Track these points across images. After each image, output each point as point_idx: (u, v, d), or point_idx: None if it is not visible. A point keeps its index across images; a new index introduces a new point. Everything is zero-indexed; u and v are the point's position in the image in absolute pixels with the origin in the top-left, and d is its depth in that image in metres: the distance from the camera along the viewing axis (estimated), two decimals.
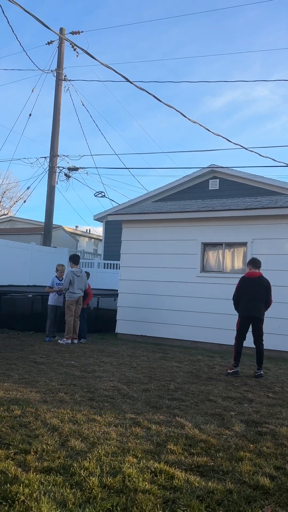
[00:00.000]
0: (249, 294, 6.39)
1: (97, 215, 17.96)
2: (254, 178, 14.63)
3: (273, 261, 8.62)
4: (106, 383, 5.24)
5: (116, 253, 12.48)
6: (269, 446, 3.44)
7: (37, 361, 6.44)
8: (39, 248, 14.75)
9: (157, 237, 9.86)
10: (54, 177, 15.51)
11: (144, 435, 3.53)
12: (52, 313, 9.11)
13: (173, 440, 3.46)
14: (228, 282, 9.05)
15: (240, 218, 9.00)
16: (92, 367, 6.18)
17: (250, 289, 6.39)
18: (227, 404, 4.61)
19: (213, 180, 15.46)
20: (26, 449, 3.12)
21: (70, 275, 8.76)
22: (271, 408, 4.55)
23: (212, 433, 3.67)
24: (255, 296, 6.39)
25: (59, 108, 15.65)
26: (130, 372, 6.00)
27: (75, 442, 3.27)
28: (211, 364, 7.03)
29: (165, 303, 9.56)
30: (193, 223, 9.52)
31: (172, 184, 16.09)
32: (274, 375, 6.43)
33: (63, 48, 15.57)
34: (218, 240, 9.24)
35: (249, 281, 6.46)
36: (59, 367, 6.07)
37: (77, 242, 26.04)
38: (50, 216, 15.69)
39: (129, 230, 10.29)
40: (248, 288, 6.41)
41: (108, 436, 3.45)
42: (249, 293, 6.39)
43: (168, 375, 5.97)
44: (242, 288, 6.45)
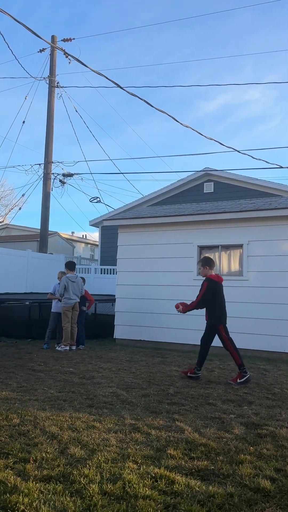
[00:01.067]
0: (223, 300, 6.38)
1: (92, 221, 17.97)
2: (248, 180, 14.70)
3: (270, 263, 8.65)
4: (105, 389, 5.22)
5: (113, 258, 12.48)
6: (269, 448, 3.44)
7: (35, 369, 6.41)
8: (35, 255, 14.73)
9: (153, 241, 9.87)
10: (49, 183, 15.52)
11: (144, 441, 3.52)
12: (54, 320, 9.09)
13: (173, 444, 3.45)
14: (225, 285, 9.04)
15: (236, 220, 9.03)
16: (90, 374, 6.16)
17: (222, 294, 6.36)
18: (226, 407, 4.60)
19: (207, 183, 15.52)
20: (25, 458, 3.10)
21: (65, 281, 8.75)
22: (270, 410, 4.55)
23: (212, 436, 3.66)
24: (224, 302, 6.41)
25: (52, 115, 15.68)
26: (129, 378, 5.98)
27: (74, 450, 3.25)
28: (210, 368, 7.02)
29: (163, 307, 9.55)
30: (189, 226, 9.54)
31: (167, 188, 16.14)
32: (273, 377, 6.43)
33: (55, 56, 15.63)
34: (214, 243, 9.26)
35: (220, 286, 6.34)
36: (57, 374, 6.05)
37: (74, 248, 26.01)
38: (45, 222, 15.68)
39: (125, 235, 10.30)
40: (221, 293, 6.33)
41: (107, 443, 3.44)
42: (223, 299, 6.37)
43: (167, 379, 5.96)
44: (219, 292, 6.28)
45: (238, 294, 8.86)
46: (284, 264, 8.49)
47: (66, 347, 8.56)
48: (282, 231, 8.62)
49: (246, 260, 8.86)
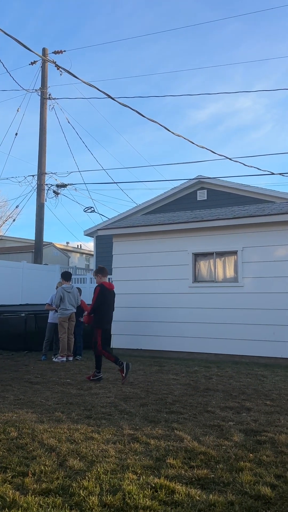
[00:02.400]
0: (110, 306, 6.85)
1: (87, 230, 17.98)
2: (240, 187, 14.81)
3: (264, 268, 8.69)
4: (103, 399, 5.19)
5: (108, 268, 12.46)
6: (268, 455, 3.43)
7: (32, 381, 6.37)
8: (30, 266, 14.69)
9: (148, 250, 9.89)
10: (43, 194, 15.54)
11: (143, 451, 3.50)
12: (51, 331, 9.04)
13: (173, 454, 3.43)
14: (220, 291, 9.09)
15: (230, 227, 9.08)
16: (88, 384, 6.13)
17: (110, 301, 6.84)
18: (225, 415, 4.59)
19: (200, 191, 15.61)
20: (23, 471, 3.07)
21: (61, 292, 8.73)
22: (269, 416, 4.54)
23: (212, 444, 3.65)
24: (112, 308, 6.91)
25: (45, 127, 15.76)
26: (127, 387, 5.95)
27: (73, 462, 3.23)
28: (208, 375, 7.00)
29: (159, 315, 9.55)
30: (183, 234, 9.58)
31: (161, 196, 16.21)
32: (271, 382, 6.42)
33: (47, 68, 15.75)
34: (208, 250, 9.30)
35: (109, 292, 6.84)
36: (54, 386, 6.01)
37: (69, 258, 25.97)
38: (40, 233, 15.67)
39: (120, 244, 10.32)
40: (109, 299, 6.82)
41: (106, 454, 3.41)
42: (110, 305, 6.84)
43: (166, 388, 5.94)
44: (107, 298, 6.75)
45: (233, 300, 8.88)
46: (278, 270, 8.54)
47: (63, 358, 8.51)
48: (275, 237, 8.68)
49: (241, 266, 8.90)
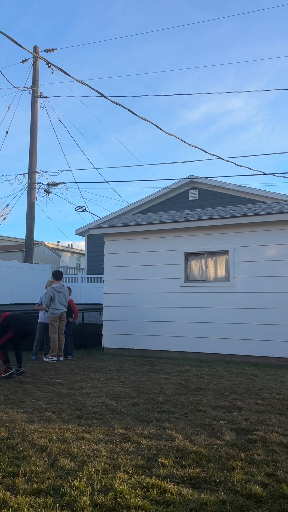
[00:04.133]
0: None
1: (78, 230, 17.90)
2: (232, 187, 14.86)
3: (255, 268, 8.73)
4: (94, 399, 5.17)
5: (100, 267, 12.43)
6: (260, 454, 3.44)
7: (22, 381, 6.32)
8: (21, 265, 14.58)
9: (139, 249, 9.88)
10: (34, 193, 15.44)
11: (135, 450, 3.49)
12: (40, 331, 8.98)
13: (164, 453, 3.42)
14: (212, 291, 9.12)
15: (221, 226, 9.11)
16: (79, 384, 6.10)
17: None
18: (216, 414, 4.59)
19: (192, 190, 15.64)
20: (14, 471, 3.04)
21: (51, 291, 8.68)
22: (260, 415, 4.56)
23: (203, 443, 3.65)
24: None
25: (36, 125, 15.65)
26: (118, 387, 5.94)
27: (64, 462, 3.21)
28: (199, 374, 7.01)
29: (151, 315, 9.54)
30: (175, 233, 9.58)
31: (153, 196, 16.21)
32: (262, 381, 6.45)
33: (38, 66, 15.64)
34: (200, 249, 9.31)
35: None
36: (45, 386, 5.97)
37: (60, 257, 25.85)
38: (31, 232, 15.56)
39: (111, 243, 10.29)
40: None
41: (98, 453, 3.40)
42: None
43: (157, 387, 5.93)
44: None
45: (225, 299, 8.91)
46: (269, 269, 8.58)
47: (53, 358, 8.46)
48: (266, 237, 8.73)
49: (232, 266, 8.93)
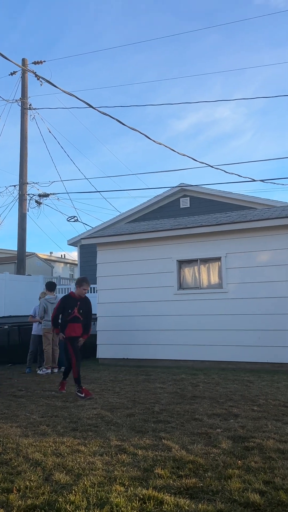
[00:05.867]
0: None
1: (71, 240, 17.86)
2: (223, 194, 14.96)
3: (248, 274, 8.75)
4: (89, 411, 5.11)
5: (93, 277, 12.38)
6: (257, 461, 3.41)
7: (16, 394, 6.24)
8: (13, 277, 14.49)
9: (132, 258, 9.87)
10: (25, 204, 15.40)
11: (131, 462, 3.45)
12: (34, 343, 8.90)
13: (161, 464, 3.38)
14: (205, 298, 9.11)
15: (213, 233, 9.14)
16: (73, 396, 6.03)
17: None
18: (213, 422, 4.56)
19: (183, 198, 15.71)
20: (8, 487, 2.98)
21: (44, 303, 8.63)
22: (256, 422, 4.54)
23: (200, 452, 3.62)
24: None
25: (26, 137, 15.68)
26: (113, 398, 5.88)
27: (59, 476, 3.15)
28: (195, 382, 6.98)
29: (145, 324, 9.50)
30: (167, 241, 9.60)
31: (144, 204, 16.25)
32: (257, 388, 6.43)
33: (27, 78, 15.71)
34: (193, 257, 9.33)
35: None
36: (39, 399, 5.90)
37: (52, 268, 25.75)
38: (22, 244, 15.49)
39: (104, 252, 10.27)
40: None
41: (93, 466, 3.35)
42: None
43: (152, 397, 5.88)
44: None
45: (218, 306, 8.91)
46: (262, 275, 8.61)
47: (47, 370, 8.38)
48: (258, 243, 8.77)
49: (225, 272, 8.95)
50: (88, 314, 6.44)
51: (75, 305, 6.32)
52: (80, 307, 6.34)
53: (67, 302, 6.37)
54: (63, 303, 6.39)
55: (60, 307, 6.40)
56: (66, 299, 6.43)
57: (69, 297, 6.46)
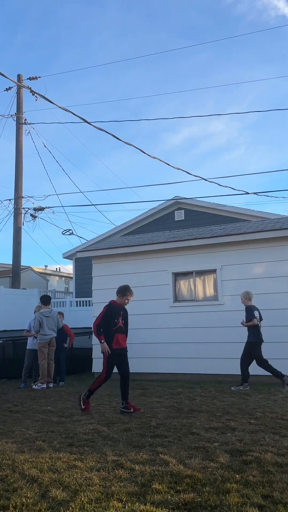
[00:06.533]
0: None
1: (66, 253, 17.87)
2: (217, 206, 15.09)
3: (243, 286, 8.77)
4: (85, 426, 5.06)
5: (88, 290, 12.37)
6: (255, 475, 3.39)
7: (11, 410, 6.17)
8: (8, 291, 14.43)
9: (128, 271, 9.87)
10: (20, 218, 15.42)
11: (128, 477, 3.41)
12: (29, 357, 8.83)
13: (158, 478, 3.35)
14: (201, 310, 9.11)
15: (208, 246, 9.19)
16: (70, 411, 5.98)
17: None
18: (210, 436, 4.53)
19: (178, 211, 15.81)
20: (4, 505, 2.94)
21: (39, 317, 8.59)
22: (254, 435, 4.51)
23: (197, 467, 3.59)
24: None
25: (21, 151, 15.78)
26: (109, 412, 5.83)
27: (56, 492, 3.11)
28: (192, 396, 6.94)
29: (141, 337, 9.46)
30: (163, 254, 9.63)
31: (139, 217, 16.33)
32: (254, 401, 6.41)
33: (22, 94, 15.88)
34: (188, 269, 9.35)
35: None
36: (35, 414, 5.83)
37: (47, 281, 25.66)
38: (17, 257, 15.47)
39: (99, 265, 10.28)
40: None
41: (90, 482, 3.31)
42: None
43: (149, 411, 5.84)
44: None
45: (214, 318, 8.91)
46: (257, 287, 8.64)
47: (43, 385, 8.30)
48: (252, 255, 8.82)
49: (221, 284, 8.98)
50: (127, 323, 6.09)
51: (119, 315, 5.90)
52: (123, 316, 5.97)
53: (113, 311, 5.86)
54: (110, 311, 5.84)
55: (107, 314, 5.82)
56: (112, 308, 5.88)
57: (113, 306, 5.94)
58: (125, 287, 6.05)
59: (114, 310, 5.87)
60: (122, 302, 5.99)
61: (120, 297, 5.99)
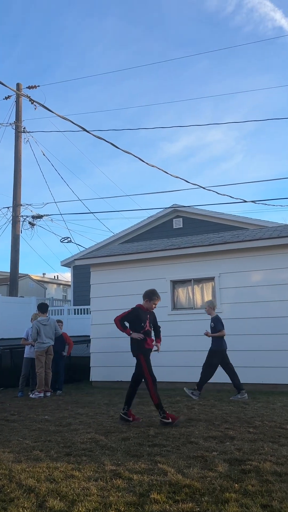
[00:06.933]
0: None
1: (64, 261, 17.85)
2: (215, 215, 15.14)
3: (242, 294, 8.78)
4: (83, 435, 5.03)
5: (86, 298, 12.33)
6: (254, 484, 3.36)
7: (8, 419, 6.12)
8: (5, 299, 14.38)
9: (126, 278, 9.87)
10: (18, 226, 15.43)
11: (126, 487, 3.38)
12: (27, 366, 8.78)
13: (156, 488, 3.32)
14: (199, 318, 9.09)
15: (206, 254, 9.20)
16: (67, 420, 5.93)
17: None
18: (208, 445, 4.50)
19: (176, 219, 15.85)
20: None
21: (36, 325, 8.55)
22: (253, 444, 4.48)
23: (196, 476, 3.56)
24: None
25: (20, 159, 15.84)
26: (107, 422, 5.79)
27: (53, 502, 3.08)
28: (190, 405, 6.90)
29: None
30: (161, 261, 9.63)
31: (138, 225, 16.36)
32: (253, 409, 6.38)
33: (21, 102, 15.98)
34: (186, 277, 9.35)
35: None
36: (32, 424, 5.79)
37: (45, 289, 25.61)
38: (15, 265, 15.45)
39: (97, 273, 10.27)
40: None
41: (88, 492, 3.28)
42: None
43: (147, 420, 5.81)
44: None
45: None
46: (255, 295, 8.64)
47: (40, 394, 8.24)
48: (251, 263, 8.84)
49: (219, 292, 8.97)
50: (157, 323, 6.05)
51: (146, 318, 5.86)
52: (150, 320, 5.91)
53: (140, 314, 5.83)
54: (136, 313, 5.81)
55: (131, 314, 5.81)
56: (139, 311, 5.84)
57: (140, 309, 5.88)
58: (152, 292, 6.00)
59: (141, 314, 5.84)
60: (149, 306, 5.93)
61: (147, 302, 5.93)
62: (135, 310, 5.88)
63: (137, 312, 5.85)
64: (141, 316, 5.85)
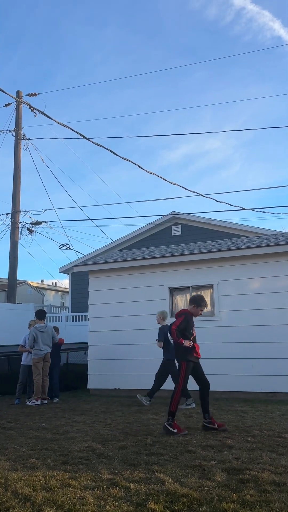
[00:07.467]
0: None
1: (62, 268, 17.83)
2: (213, 222, 15.17)
3: (240, 301, 8.77)
4: (80, 443, 4.98)
5: (84, 305, 12.30)
6: (252, 494, 3.33)
7: (4, 427, 6.07)
8: (3, 305, 14.34)
9: (124, 285, 9.85)
10: (17, 232, 15.43)
11: (123, 496, 3.35)
12: (24, 373, 8.72)
13: (154, 498, 3.29)
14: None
15: (205, 261, 9.20)
16: (64, 428, 5.88)
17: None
18: (206, 454, 4.47)
19: (175, 226, 15.88)
20: None
21: (33, 332, 8.51)
22: (251, 453, 4.45)
23: (194, 486, 3.52)
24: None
25: (19, 166, 15.88)
26: (105, 430, 5.75)
27: (49, 511, 3.04)
28: (188, 413, 6.86)
29: (137, 353, 9.39)
30: (159, 269, 9.62)
31: (136, 232, 16.38)
32: (251, 418, 6.34)
33: (21, 109, 16.06)
34: (185, 284, 9.34)
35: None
36: (29, 431, 5.74)
37: (43, 296, 25.55)
38: (13, 272, 15.42)
39: (96, 280, 10.25)
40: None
41: (84, 501, 3.24)
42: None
43: (145, 429, 5.76)
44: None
45: (211, 334, 8.86)
46: (254, 303, 8.63)
47: (37, 401, 8.18)
48: (249, 270, 8.84)
49: (217, 300, 8.96)
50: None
51: (193, 324, 5.81)
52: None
53: (189, 320, 5.73)
54: (188, 319, 5.70)
55: (185, 321, 5.67)
56: (189, 317, 5.74)
57: (189, 315, 5.77)
58: (201, 297, 5.89)
59: (190, 320, 5.75)
60: (195, 312, 5.81)
61: (194, 308, 5.80)
62: (186, 316, 5.73)
63: (188, 318, 5.73)
64: (190, 322, 5.75)
